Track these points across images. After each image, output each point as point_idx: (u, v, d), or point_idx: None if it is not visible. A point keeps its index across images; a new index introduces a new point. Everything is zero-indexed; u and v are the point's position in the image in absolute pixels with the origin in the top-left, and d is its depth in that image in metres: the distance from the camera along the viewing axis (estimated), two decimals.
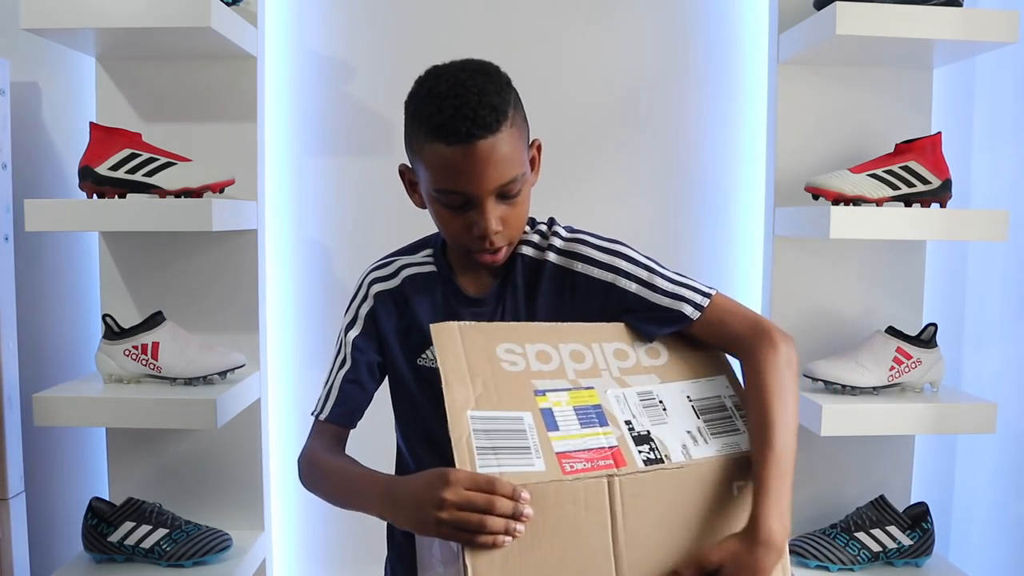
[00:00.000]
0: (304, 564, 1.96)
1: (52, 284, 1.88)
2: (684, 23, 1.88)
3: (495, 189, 1.00)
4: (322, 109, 1.88)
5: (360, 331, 1.16)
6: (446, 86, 0.98)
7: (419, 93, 1.02)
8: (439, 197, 1.02)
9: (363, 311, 1.16)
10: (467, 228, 1.03)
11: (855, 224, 1.54)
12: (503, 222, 1.02)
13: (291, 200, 1.90)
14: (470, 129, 0.96)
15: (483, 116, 0.96)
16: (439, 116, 0.97)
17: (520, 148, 1.02)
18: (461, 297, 1.12)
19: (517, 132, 1.01)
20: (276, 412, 1.92)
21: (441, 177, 1.00)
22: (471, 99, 0.96)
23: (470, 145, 0.96)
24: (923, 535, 1.67)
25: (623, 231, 1.90)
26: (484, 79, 0.99)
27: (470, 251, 1.06)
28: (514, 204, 1.03)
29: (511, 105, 1.00)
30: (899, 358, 1.65)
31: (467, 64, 1.02)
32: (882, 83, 1.78)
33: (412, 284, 1.14)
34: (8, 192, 1.66)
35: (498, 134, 0.97)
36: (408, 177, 1.10)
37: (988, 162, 1.84)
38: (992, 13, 1.56)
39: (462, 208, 1.02)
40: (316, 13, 1.87)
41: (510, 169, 1.00)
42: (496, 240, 1.03)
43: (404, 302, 1.13)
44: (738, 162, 1.91)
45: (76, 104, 1.84)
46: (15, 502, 1.62)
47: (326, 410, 1.14)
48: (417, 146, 1.02)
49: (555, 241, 1.12)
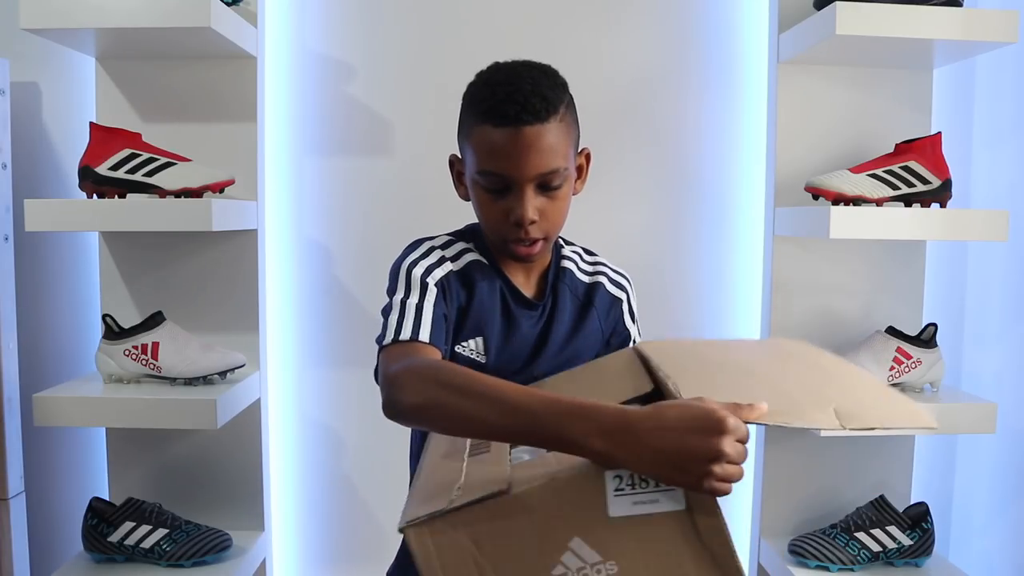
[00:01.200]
0: (304, 564, 1.96)
1: (52, 284, 1.88)
2: (684, 23, 1.88)
3: (536, 177, 1.02)
4: (322, 109, 1.88)
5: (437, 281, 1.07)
6: (503, 76, 1.03)
7: (477, 82, 1.06)
8: (481, 180, 1.05)
9: (438, 272, 1.08)
10: (505, 215, 1.04)
11: (855, 224, 1.54)
12: (541, 214, 1.04)
13: (291, 200, 1.90)
14: (519, 113, 0.99)
15: (533, 103, 0.99)
16: (492, 99, 1.01)
17: (566, 145, 1.04)
18: (518, 295, 1.13)
19: (565, 129, 1.04)
20: (276, 412, 1.92)
21: (486, 159, 1.03)
22: (524, 87, 1.00)
23: (517, 129, 0.99)
24: (923, 535, 1.67)
25: (623, 231, 1.92)
26: (540, 74, 1.04)
27: (506, 241, 1.07)
28: (554, 198, 1.05)
29: (563, 103, 1.03)
30: (899, 358, 1.65)
31: (527, 61, 1.06)
32: (882, 83, 1.78)
33: (477, 268, 1.12)
34: (8, 192, 1.65)
35: (546, 124, 1.00)
36: (456, 168, 1.13)
37: (988, 162, 1.84)
38: (992, 13, 1.56)
39: (502, 192, 1.04)
40: (316, 13, 1.87)
41: (553, 160, 1.02)
42: (532, 231, 1.05)
43: (470, 285, 1.11)
44: (738, 162, 1.91)
45: (76, 104, 1.84)
46: (15, 502, 1.62)
47: (422, 332, 1.00)
48: (467, 129, 1.05)
49: (589, 264, 1.21)
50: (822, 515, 1.77)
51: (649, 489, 0.76)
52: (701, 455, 0.72)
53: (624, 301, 1.21)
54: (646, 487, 0.76)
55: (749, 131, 1.89)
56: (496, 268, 1.13)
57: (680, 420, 0.74)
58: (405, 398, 0.88)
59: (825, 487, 1.80)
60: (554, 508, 0.74)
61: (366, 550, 1.93)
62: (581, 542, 0.74)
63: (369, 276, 1.89)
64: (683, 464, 0.73)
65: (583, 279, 1.18)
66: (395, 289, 1.07)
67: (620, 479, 0.75)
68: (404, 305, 1.03)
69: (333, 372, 1.92)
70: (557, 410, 0.77)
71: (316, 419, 1.94)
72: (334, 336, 1.92)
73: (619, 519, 0.75)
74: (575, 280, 1.18)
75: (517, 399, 0.80)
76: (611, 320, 1.19)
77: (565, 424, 0.76)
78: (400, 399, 0.88)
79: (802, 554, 1.66)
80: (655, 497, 0.76)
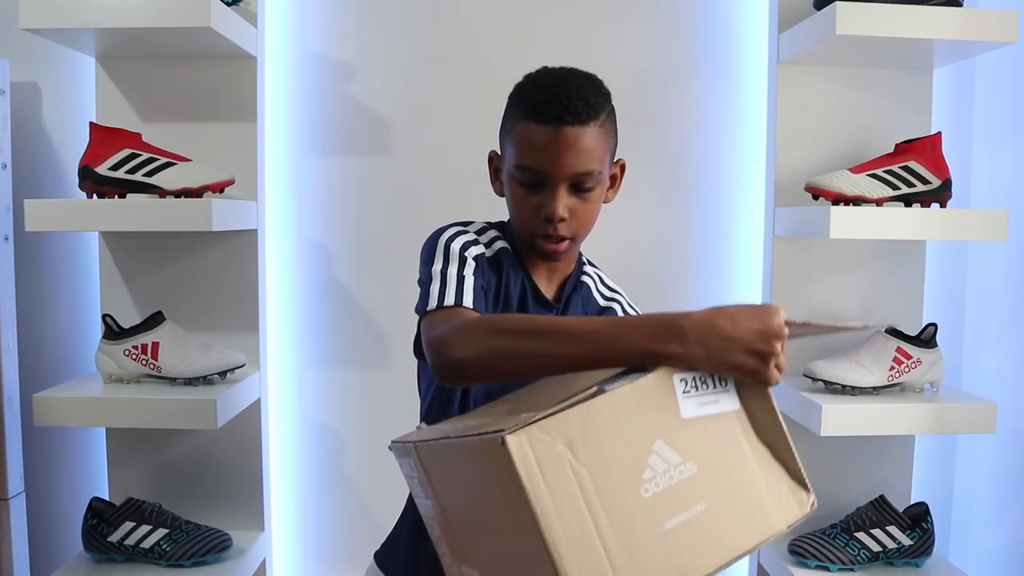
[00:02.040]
0: (304, 564, 1.96)
1: (52, 284, 1.88)
2: (684, 23, 1.88)
3: (570, 176, 1.05)
4: (322, 109, 1.88)
5: (475, 256, 1.08)
6: (550, 78, 1.07)
7: (525, 82, 1.10)
8: (517, 174, 1.07)
9: (474, 250, 1.09)
10: (536, 210, 1.06)
11: (855, 224, 1.54)
12: (571, 213, 1.06)
13: (291, 200, 1.90)
14: (561, 113, 1.02)
15: (576, 106, 1.02)
16: (537, 98, 1.04)
17: (603, 151, 1.07)
18: (538, 294, 1.14)
19: (604, 135, 1.07)
20: (276, 412, 1.92)
21: (524, 153, 1.05)
22: (570, 90, 1.03)
23: (558, 128, 1.03)
24: (923, 535, 1.67)
25: (623, 231, 1.91)
26: (585, 80, 1.07)
27: (534, 236, 1.09)
28: (585, 200, 1.07)
29: (604, 111, 1.06)
30: (899, 358, 1.65)
31: (575, 68, 1.10)
32: (882, 83, 1.78)
33: (506, 257, 1.14)
34: (8, 192, 1.66)
35: (586, 127, 1.03)
36: (495, 164, 1.15)
37: (988, 162, 1.84)
38: (992, 13, 1.56)
39: (536, 188, 1.06)
40: (316, 13, 1.87)
41: (589, 162, 1.05)
42: (560, 228, 1.07)
43: (499, 271, 1.12)
44: (738, 162, 1.91)
45: (76, 104, 1.84)
46: (15, 502, 1.62)
47: (466, 297, 1.01)
48: (510, 125, 1.08)
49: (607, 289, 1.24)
50: (822, 515, 1.77)
51: (710, 390, 0.82)
52: (771, 334, 0.82)
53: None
54: (707, 388, 0.82)
55: (749, 131, 1.89)
56: (521, 263, 1.15)
57: (742, 310, 0.83)
58: (461, 353, 0.90)
59: (825, 487, 1.79)
60: (637, 412, 0.77)
61: (366, 550, 1.92)
62: (663, 444, 0.77)
63: (369, 276, 1.89)
64: (756, 347, 0.82)
65: (599, 301, 1.21)
66: (432, 261, 1.07)
67: (685, 382, 0.81)
68: (445, 275, 1.05)
69: (333, 372, 1.92)
70: (625, 323, 0.86)
71: (316, 419, 1.93)
72: (334, 336, 1.92)
73: (690, 420, 0.79)
74: (591, 298, 1.20)
75: (580, 326, 0.87)
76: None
77: (638, 335, 0.82)
78: (456, 355, 0.90)
79: (802, 554, 1.66)
80: (715, 397, 0.82)
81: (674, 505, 0.75)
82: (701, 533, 0.76)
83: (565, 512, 0.71)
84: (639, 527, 0.74)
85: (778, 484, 0.83)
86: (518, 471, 0.70)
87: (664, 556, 0.74)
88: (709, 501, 0.78)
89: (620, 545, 0.72)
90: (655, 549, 0.74)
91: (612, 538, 0.72)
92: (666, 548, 0.74)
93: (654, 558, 0.74)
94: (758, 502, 0.81)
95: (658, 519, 0.74)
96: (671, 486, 0.76)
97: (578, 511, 0.71)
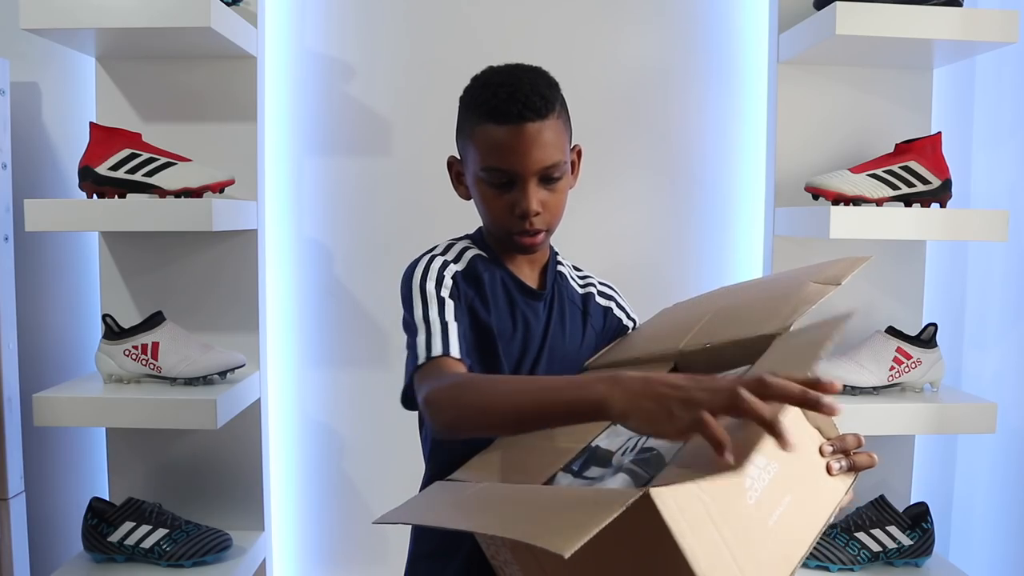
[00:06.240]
0: (304, 564, 1.96)
1: (52, 284, 1.88)
2: (684, 23, 1.88)
3: (538, 171, 1.06)
4: (322, 109, 1.88)
5: (450, 291, 1.09)
6: (501, 77, 1.08)
7: (475, 85, 1.11)
8: (485, 176, 1.08)
9: (448, 280, 1.09)
10: (509, 208, 1.08)
11: (855, 224, 1.54)
12: (543, 206, 1.08)
13: (291, 200, 1.90)
14: (520, 111, 1.04)
15: (533, 101, 1.04)
16: (493, 100, 1.05)
17: (563, 141, 1.10)
18: (523, 286, 1.15)
19: (562, 126, 1.09)
20: (276, 412, 1.92)
21: (489, 155, 1.07)
22: (524, 87, 1.05)
23: (519, 126, 1.04)
24: (923, 535, 1.67)
25: (623, 231, 1.92)
26: (535, 75, 1.09)
27: (510, 233, 1.10)
28: (554, 190, 1.09)
29: (558, 102, 1.09)
30: (899, 358, 1.65)
31: (520, 64, 1.11)
32: (882, 83, 1.78)
33: (480, 262, 1.14)
34: (8, 192, 1.66)
35: (545, 120, 1.05)
36: (455, 169, 1.17)
37: (988, 162, 1.84)
38: (992, 13, 1.56)
39: (506, 187, 1.07)
40: (316, 13, 1.87)
41: (553, 153, 1.07)
42: (536, 222, 1.08)
43: (476, 279, 1.13)
44: (738, 162, 1.91)
45: (76, 104, 1.84)
46: (15, 502, 1.62)
47: (451, 346, 1.02)
48: (469, 130, 1.09)
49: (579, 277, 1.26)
50: None
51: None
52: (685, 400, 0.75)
53: (615, 305, 1.25)
54: None
55: (749, 131, 1.89)
56: (499, 262, 1.15)
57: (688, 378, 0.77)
58: (441, 418, 0.95)
59: None
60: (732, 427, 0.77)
61: (366, 550, 1.93)
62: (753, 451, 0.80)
63: (369, 276, 1.89)
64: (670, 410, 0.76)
65: (577, 288, 1.23)
66: (411, 306, 1.08)
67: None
68: (428, 321, 1.06)
69: (333, 372, 1.92)
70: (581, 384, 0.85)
71: (316, 419, 1.94)
72: (334, 336, 1.92)
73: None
74: (570, 286, 1.22)
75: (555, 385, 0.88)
76: (606, 333, 1.23)
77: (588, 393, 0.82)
78: (437, 420, 0.96)
79: None
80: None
81: (771, 503, 0.82)
82: (794, 519, 0.83)
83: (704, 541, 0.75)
84: (754, 533, 0.80)
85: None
86: (667, 521, 0.73)
87: (775, 549, 0.81)
88: (793, 491, 0.85)
89: (746, 555, 0.78)
90: (768, 546, 0.81)
91: (738, 549, 0.77)
92: (775, 542, 0.82)
93: (770, 554, 0.81)
94: (824, 479, 0.91)
95: (764, 520, 0.81)
96: (765, 488, 0.82)
97: (712, 536, 0.76)
